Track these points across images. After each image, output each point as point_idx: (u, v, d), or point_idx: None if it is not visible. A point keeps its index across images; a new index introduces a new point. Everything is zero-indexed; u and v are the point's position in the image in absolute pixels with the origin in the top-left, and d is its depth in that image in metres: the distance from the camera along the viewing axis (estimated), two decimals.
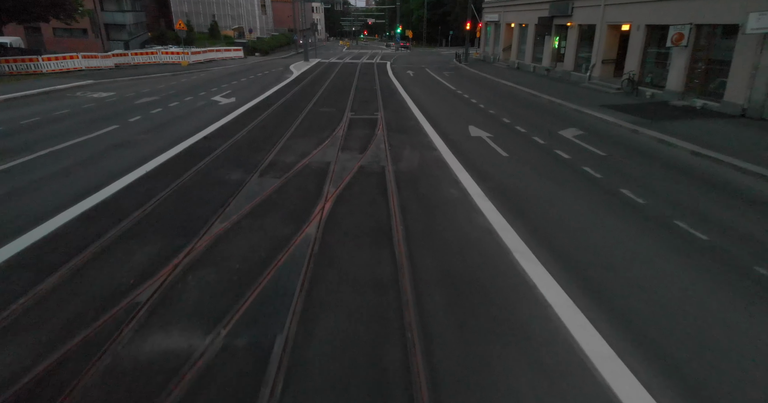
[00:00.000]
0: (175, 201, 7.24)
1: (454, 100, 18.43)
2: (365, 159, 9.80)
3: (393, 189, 7.93)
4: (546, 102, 17.77)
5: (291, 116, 14.43)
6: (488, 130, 12.92)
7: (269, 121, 13.71)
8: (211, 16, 69.64)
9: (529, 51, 28.05)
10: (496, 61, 34.29)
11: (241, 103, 16.89)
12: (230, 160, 9.62)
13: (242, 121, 13.70)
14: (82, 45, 39.20)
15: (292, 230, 6.21)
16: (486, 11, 36.80)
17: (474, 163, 9.71)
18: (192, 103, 16.83)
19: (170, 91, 19.92)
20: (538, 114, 15.34)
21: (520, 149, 10.86)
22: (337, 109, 15.75)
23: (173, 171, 8.75)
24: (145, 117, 14.20)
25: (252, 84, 23.26)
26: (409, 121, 14.07)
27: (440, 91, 21.42)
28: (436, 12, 76.91)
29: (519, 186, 8.23)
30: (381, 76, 27.41)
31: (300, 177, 8.55)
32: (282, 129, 12.59)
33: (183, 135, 11.75)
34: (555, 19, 24.27)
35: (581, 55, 22.19)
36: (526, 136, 12.24)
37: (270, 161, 9.54)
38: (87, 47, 38.45)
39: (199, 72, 28.52)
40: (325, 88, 21.02)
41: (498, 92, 20.69)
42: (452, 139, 11.90)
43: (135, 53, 31.01)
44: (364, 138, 11.72)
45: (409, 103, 17.35)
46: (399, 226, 6.39)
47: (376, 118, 14.41)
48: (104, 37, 40.37)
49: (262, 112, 15.14)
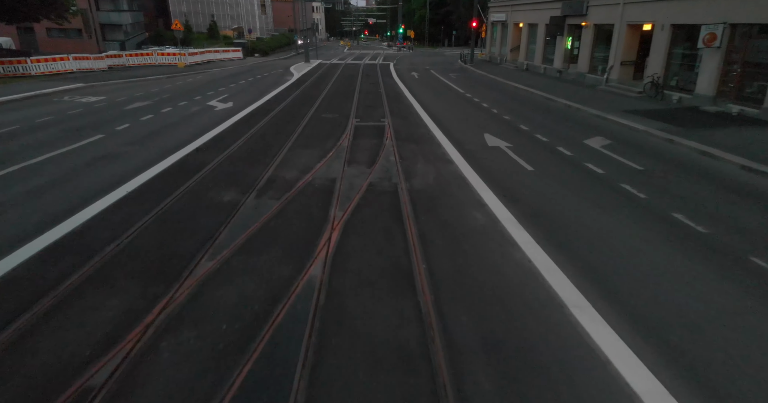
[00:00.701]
0: (156, 232, 6.19)
1: (464, 105, 17.37)
2: (374, 174, 8.75)
3: (409, 213, 6.88)
4: (563, 106, 16.70)
5: (292, 123, 13.38)
6: (506, 138, 11.86)
7: (268, 130, 12.66)
8: (210, 16, 68.64)
9: (539, 52, 26.98)
10: (504, 62, 33.23)
11: (238, 109, 15.84)
12: (224, 176, 8.56)
13: (239, 129, 12.65)
14: (77, 46, 38.19)
15: (292, 272, 5.16)
16: (492, 11, 35.72)
17: (497, 179, 8.65)
18: (186, 109, 15.79)
19: (164, 95, 18.86)
20: (556, 120, 14.27)
21: (546, 162, 9.79)
22: (340, 116, 14.70)
23: (158, 192, 7.69)
24: (135, 125, 13.15)
25: (251, 87, 22.22)
26: (418, 129, 13.02)
27: (448, 94, 20.37)
28: (438, 12, 75.79)
29: (554, 210, 7.17)
30: (385, 78, 26.37)
31: (302, 198, 7.50)
32: (282, 138, 11.54)
33: (173, 146, 10.70)
34: (568, 18, 23.19)
35: (597, 56, 21.11)
36: (548, 146, 11.18)
37: (268, 178, 8.48)
38: (82, 48, 37.45)
39: (196, 74, 27.46)
40: (327, 92, 19.97)
41: (509, 95, 19.63)
42: (468, 149, 10.85)
43: (130, 54, 29.93)
44: (372, 149, 10.67)
45: (416, 108, 16.30)
46: (421, 265, 5.33)
47: (383, 125, 13.37)
48: (100, 38, 39.33)
49: (261, 118, 14.09)
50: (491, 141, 11.65)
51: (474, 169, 9.14)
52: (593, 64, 21.32)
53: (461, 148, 10.95)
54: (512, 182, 8.51)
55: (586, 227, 6.50)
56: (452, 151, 10.58)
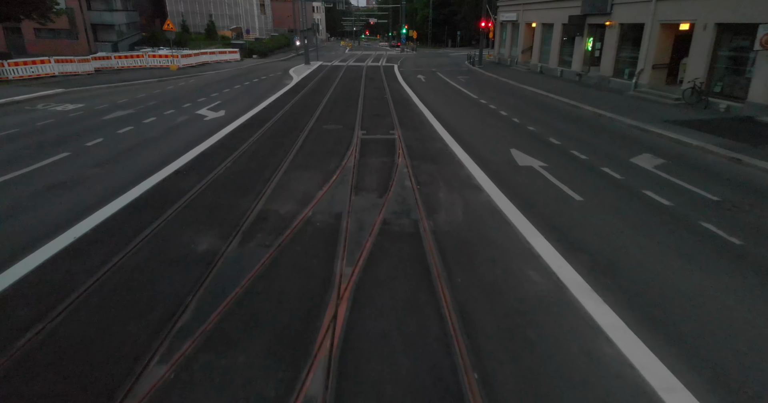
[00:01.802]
0: (95, 311, 4.51)
1: (480, 112, 15.71)
2: (388, 207, 7.09)
3: (439, 271, 5.21)
4: (592, 115, 15.01)
5: (289, 137, 11.72)
6: (537, 155, 10.19)
7: (262, 145, 10.99)
8: (208, 16, 67.03)
9: (554, 53, 25.30)
10: (515, 64, 31.55)
11: (230, 119, 14.17)
12: (203, 212, 6.89)
13: (229, 144, 10.99)
14: (67, 47, 36.64)
15: (281, 387, 3.49)
16: (502, 10, 34.05)
17: (542, 213, 6.98)
18: (172, 119, 14.12)
19: (150, 102, 17.21)
20: (589, 132, 12.59)
21: (595, 189, 8.11)
22: (344, 127, 13.04)
23: (114, 238, 6.03)
24: (109, 139, 11.49)
25: (246, 92, 20.55)
26: (434, 143, 11.36)
27: (460, 100, 18.71)
28: (441, 11, 74.16)
29: (629, 263, 5.49)
30: (390, 81, 24.70)
31: (299, 244, 5.84)
32: (278, 156, 9.88)
33: (148, 168, 9.03)
34: (588, 17, 21.51)
35: (622, 58, 19.42)
36: (590, 165, 9.51)
37: (258, 213, 6.82)
38: (72, 50, 35.88)
39: (188, 77, 25.81)
40: (329, 98, 18.30)
41: (528, 101, 17.95)
42: (496, 170, 9.18)
43: (119, 56, 28.26)
44: (382, 170, 9.01)
45: (428, 117, 14.63)
46: (471, 374, 3.66)
47: (392, 138, 11.71)
48: (91, 39, 37.73)
49: (254, 130, 12.43)
50: (521, 159, 9.98)
51: (510, 199, 7.47)
52: (618, 67, 19.61)
53: (487, 168, 9.29)
54: (562, 219, 6.83)
55: (685, 295, 4.81)
56: (478, 173, 8.91)
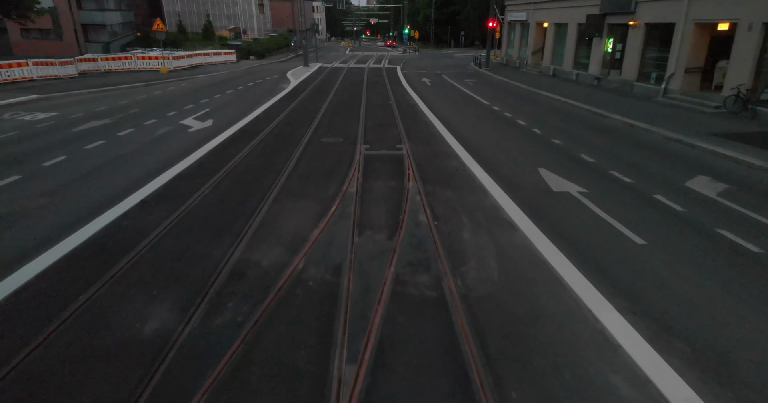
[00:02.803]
0: None
1: (495, 122, 14.18)
2: (401, 256, 5.58)
3: (481, 378, 3.67)
4: (622, 126, 13.47)
5: (282, 154, 10.20)
6: (572, 177, 8.67)
7: (250, 164, 9.47)
8: (206, 16, 65.53)
9: (569, 55, 23.75)
10: (524, 66, 30.00)
11: (218, 130, 12.65)
12: (162, 266, 5.36)
13: (211, 164, 9.47)
14: (56, 48, 35.15)
15: None
16: (510, 9, 32.51)
17: (602, 267, 5.47)
18: (151, 131, 12.59)
19: (132, 110, 15.68)
20: (625, 146, 11.05)
21: (656, 226, 6.58)
22: (345, 140, 11.53)
23: (31, 311, 4.50)
24: (73, 157, 9.97)
25: (239, 98, 19.02)
26: (448, 161, 9.84)
27: (470, 106, 17.18)
28: (444, 11, 72.64)
29: (748, 358, 3.95)
30: (393, 85, 23.17)
31: (282, 323, 4.32)
32: (266, 180, 8.36)
33: (109, 197, 7.51)
34: (608, 16, 19.98)
35: (648, 61, 17.88)
36: (638, 191, 7.98)
37: (233, 267, 5.30)
38: (61, 51, 34.39)
39: (179, 81, 24.27)
40: (328, 105, 16.78)
41: (546, 108, 16.42)
42: (526, 198, 7.66)
43: (106, 58, 26.69)
44: (390, 199, 7.50)
45: (438, 127, 13.12)
46: None
47: (400, 154, 10.20)
48: (81, 39, 36.21)
49: (243, 145, 10.91)
50: (554, 182, 8.45)
51: (554, 243, 5.94)
52: (643, 70, 18.06)
53: (515, 195, 7.76)
54: (629, 276, 5.29)
55: None
56: (506, 203, 7.38)
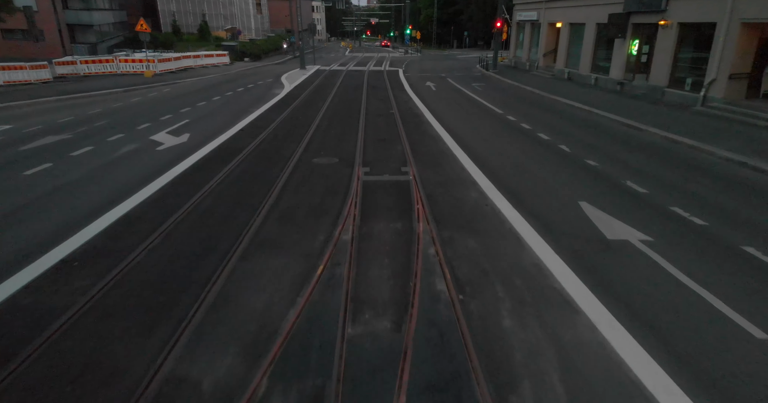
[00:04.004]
0: None
1: (513, 135, 12.32)
2: (413, 367, 3.75)
3: None
4: (663, 142, 11.59)
5: (262, 181, 8.36)
6: (627, 216, 6.83)
7: (220, 197, 7.62)
8: (202, 16, 63.69)
9: (586, 57, 21.86)
10: (535, 68, 28.13)
11: (192, 148, 10.82)
12: (49, 392, 3.50)
13: (171, 197, 7.62)
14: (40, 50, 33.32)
15: None
16: (519, 9, 30.64)
17: (717, 382, 3.60)
18: (113, 149, 10.73)
19: (99, 122, 13.83)
20: (679, 171, 9.18)
21: None
22: (340, 161, 9.70)
23: None
24: (5, 186, 8.12)
25: (225, 106, 17.17)
26: (466, 191, 8.00)
27: (481, 115, 15.33)
28: (446, 11, 70.76)
29: None
30: (395, 90, 21.32)
31: None
32: (236, 222, 6.52)
33: (23, 251, 5.68)
34: (633, 16, 18.11)
35: (682, 65, 16.00)
36: (720, 240, 6.13)
37: (154, 397, 3.43)
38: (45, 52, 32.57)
39: (163, 86, 22.40)
40: (323, 115, 14.93)
41: (568, 119, 14.55)
42: (576, 250, 5.85)
43: (85, 61, 24.82)
44: (396, 253, 5.69)
45: (448, 143, 11.29)
46: None
47: (405, 181, 8.37)
48: (66, 40, 34.38)
49: (218, 169, 9.07)
50: (605, 224, 6.59)
51: (640, 341, 4.10)
52: (676, 75, 16.18)
53: (560, 245, 5.94)
54: None
55: None
56: (551, 260, 5.56)
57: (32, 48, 33.10)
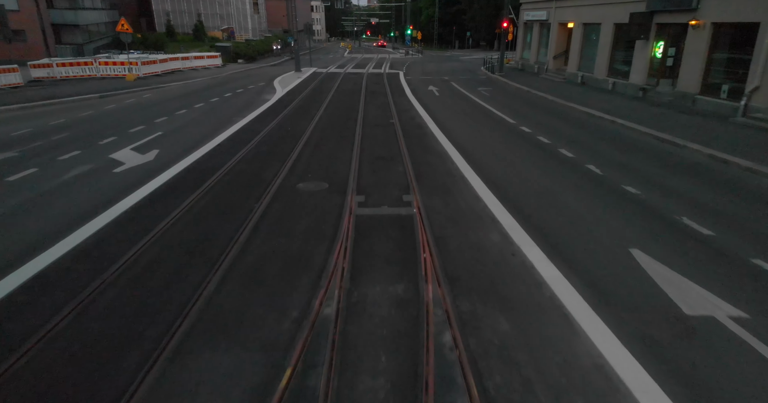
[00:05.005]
0: None
1: (532, 152, 10.65)
2: None
3: None
4: (711, 162, 9.91)
5: (232, 217, 6.71)
6: (700, 275, 5.17)
7: (174, 241, 5.97)
8: (197, 16, 62.03)
9: (602, 60, 20.19)
10: (544, 71, 26.46)
11: (156, 169, 9.17)
12: None
13: (110, 243, 5.97)
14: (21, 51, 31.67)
15: None
16: (526, 8, 28.99)
17: None
18: (61, 172, 9.07)
19: (58, 135, 12.16)
20: (744, 204, 7.52)
21: None
22: (330, 186, 8.08)
23: None
24: None
25: (207, 115, 15.50)
26: (485, 233, 6.38)
27: (492, 126, 13.67)
28: (448, 11, 69.11)
29: None
30: (396, 95, 19.67)
31: None
32: (184, 287, 4.88)
33: None
34: (657, 15, 16.45)
35: (717, 70, 14.33)
36: None
37: None
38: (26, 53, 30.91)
39: (144, 91, 20.71)
40: (315, 126, 13.29)
41: (591, 131, 12.89)
42: (648, 335, 4.21)
43: (62, 64, 23.15)
44: (395, 340, 4.09)
45: (457, 162, 9.67)
46: None
47: (409, 217, 6.77)
48: (50, 41, 32.67)
49: (182, 197, 7.43)
50: (676, 290, 4.95)
51: None
52: (709, 81, 14.51)
53: (624, 328, 4.31)
54: None
55: None
56: (617, 354, 3.98)
57: (14, 49, 31.47)
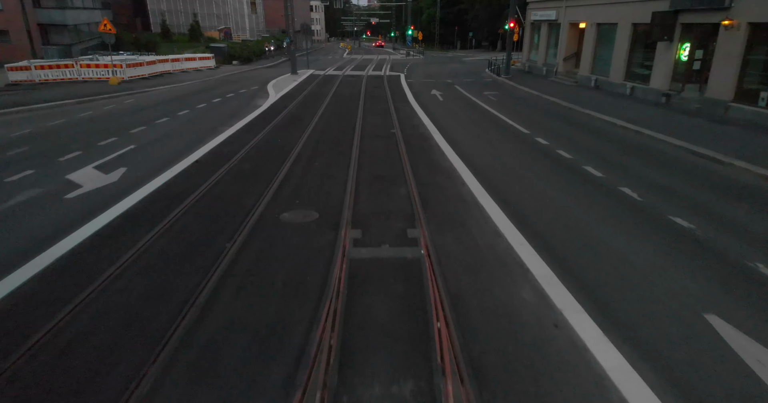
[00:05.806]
0: None
1: (555, 171, 9.29)
2: None
3: None
4: (765, 183, 8.57)
5: (196, 264, 5.37)
6: None
7: (115, 304, 4.62)
8: (193, 16, 60.69)
9: (619, 63, 18.83)
10: (553, 74, 25.12)
11: (120, 193, 7.83)
12: None
13: (37, 306, 4.63)
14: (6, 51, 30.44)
15: None
16: (534, 8, 27.64)
17: None
18: (3, 197, 7.72)
19: (16, 149, 10.80)
20: None
21: None
22: (320, 216, 6.76)
23: None
24: None
25: (190, 124, 14.15)
26: (515, 291, 5.04)
27: (506, 137, 12.32)
28: (449, 10, 67.74)
29: None
30: (397, 101, 18.31)
31: None
32: (111, 379, 3.48)
33: None
34: (682, 14, 15.10)
35: (753, 75, 12.97)
36: None
37: None
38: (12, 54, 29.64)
39: (127, 96, 19.35)
40: (308, 137, 11.94)
41: (616, 144, 11.54)
42: None
43: (41, 66, 21.79)
44: None
45: (470, 186, 8.31)
46: None
47: (415, 261, 5.46)
48: (37, 41, 31.32)
49: (141, 233, 6.11)
50: None
51: None
52: (744, 87, 13.15)
53: None
54: None
55: None
56: None
57: None
